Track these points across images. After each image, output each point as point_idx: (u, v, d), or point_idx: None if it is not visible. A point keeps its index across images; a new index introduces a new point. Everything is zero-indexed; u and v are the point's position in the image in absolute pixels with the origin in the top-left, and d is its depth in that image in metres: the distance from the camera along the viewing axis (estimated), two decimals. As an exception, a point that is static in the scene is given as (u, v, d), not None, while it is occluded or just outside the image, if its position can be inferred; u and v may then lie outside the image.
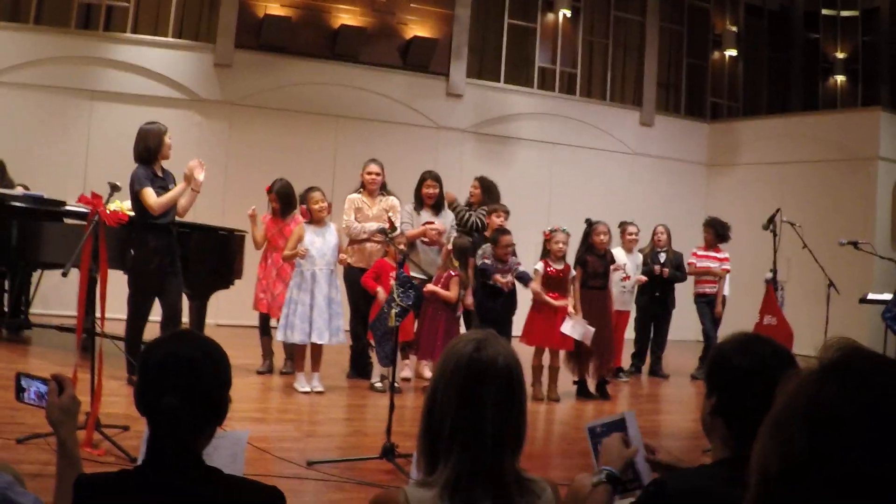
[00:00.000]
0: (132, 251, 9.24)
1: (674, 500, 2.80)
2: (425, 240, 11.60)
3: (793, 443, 1.43)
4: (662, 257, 13.88)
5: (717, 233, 14.15)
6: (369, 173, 11.57)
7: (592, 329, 11.20)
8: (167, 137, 9.43)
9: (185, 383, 2.81)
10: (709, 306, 14.09)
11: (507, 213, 12.36)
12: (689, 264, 14.25)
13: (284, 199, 11.41)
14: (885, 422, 1.39)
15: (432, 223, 11.65)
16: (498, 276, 11.16)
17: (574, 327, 11.14)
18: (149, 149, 9.37)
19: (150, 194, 9.17)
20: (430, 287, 10.96)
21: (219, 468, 2.92)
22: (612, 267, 11.95)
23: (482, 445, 2.62)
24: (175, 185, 9.56)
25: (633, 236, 13.49)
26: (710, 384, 3.08)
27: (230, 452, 3.79)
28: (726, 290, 14.23)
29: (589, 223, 11.80)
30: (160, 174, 9.47)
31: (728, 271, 14.15)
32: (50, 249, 11.58)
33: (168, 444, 2.81)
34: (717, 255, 14.14)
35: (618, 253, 12.83)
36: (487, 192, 12.72)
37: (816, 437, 1.42)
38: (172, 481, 2.78)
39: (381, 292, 10.52)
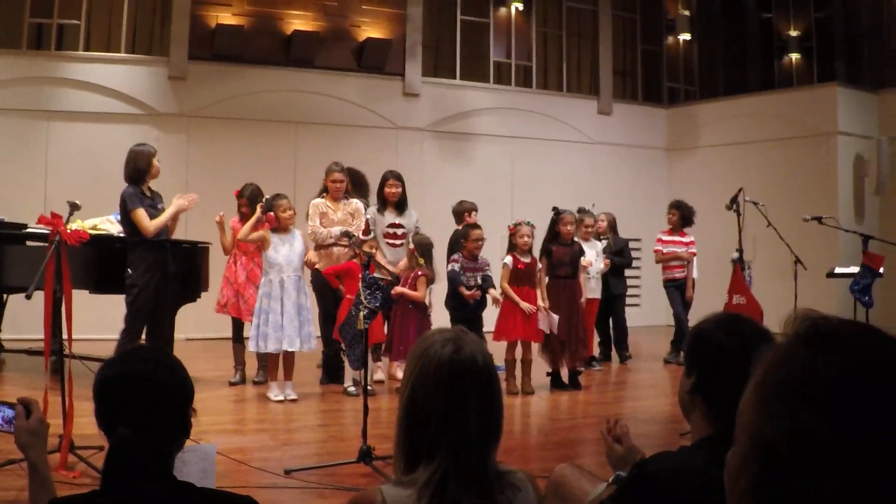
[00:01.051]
0: (129, 270, 9.19)
1: (655, 482, 2.80)
2: (390, 241, 11.63)
3: (794, 416, 1.41)
4: (603, 244, 13.84)
5: (682, 215, 14.08)
6: (333, 181, 11.51)
7: (556, 316, 11.23)
8: (156, 160, 9.43)
9: (142, 400, 2.78)
10: (678, 290, 14.06)
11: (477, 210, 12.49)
12: (655, 251, 14.26)
13: (255, 203, 11.33)
14: (875, 384, 1.39)
15: (398, 224, 11.68)
16: (464, 289, 11.18)
17: (540, 320, 11.19)
18: (139, 170, 9.35)
19: (144, 216, 9.16)
20: (398, 289, 10.94)
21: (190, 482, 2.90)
22: (581, 260, 11.93)
23: (467, 443, 2.64)
24: (163, 203, 9.53)
25: (589, 228, 13.38)
26: (690, 362, 3.10)
27: (199, 467, 3.76)
28: (695, 274, 14.21)
29: (557, 212, 11.75)
30: (148, 194, 9.44)
31: (695, 254, 14.13)
32: (14, 273, 11.48)
33: (131, 464, 2.77)
34: (683, 240, 14.08)
35: None
36: (355, 184, 12.44)
37: (816, 406, 1.40)
38: (144, 498, 2.74)
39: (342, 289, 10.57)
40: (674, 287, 14.14)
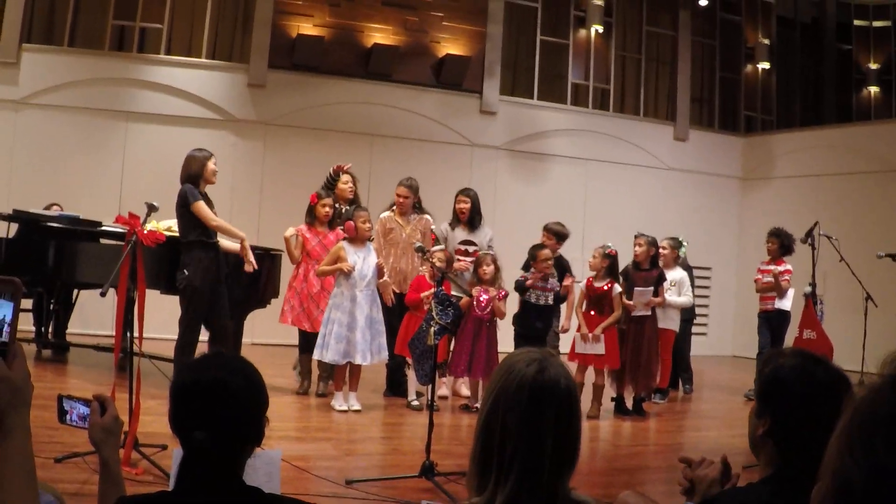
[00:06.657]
0: (185, 271, 9.27)
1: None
2: (461, 257, 11.60)
3: (876, 455, 1.41)
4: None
5: (782, 243, 13.31)
6: (397, 196, 11.59)
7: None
8: (211, 163, 9.45)
9: (217, 408, 2.80)
10: (767, 322, 13.62)
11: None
12: (755, 280, 13.83)
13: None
14: None
15: (470, 241, 11.68)
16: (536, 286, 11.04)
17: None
18: (191, 174, 9.41)
19: (204, 207, 9.25)
20: (498, 306, 10.89)
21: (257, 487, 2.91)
22: (660, 289, 11.76)
23: (541, 466, 2.58)
24: (214, 208, 9.59)
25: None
26: (763, 405, 3.02)
27: (265, 472, 3.79)
28: (787, 306, 13.38)
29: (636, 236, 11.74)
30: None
31: (787, 281, 13.29)
32: (86, 269, 11.61)
33: (203, 468, 2.80)
34: (772, 268, 13.55)
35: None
36: None
37: None
38: (215, 501, 2.76)
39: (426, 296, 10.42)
40: (764, 318, 13.61)
